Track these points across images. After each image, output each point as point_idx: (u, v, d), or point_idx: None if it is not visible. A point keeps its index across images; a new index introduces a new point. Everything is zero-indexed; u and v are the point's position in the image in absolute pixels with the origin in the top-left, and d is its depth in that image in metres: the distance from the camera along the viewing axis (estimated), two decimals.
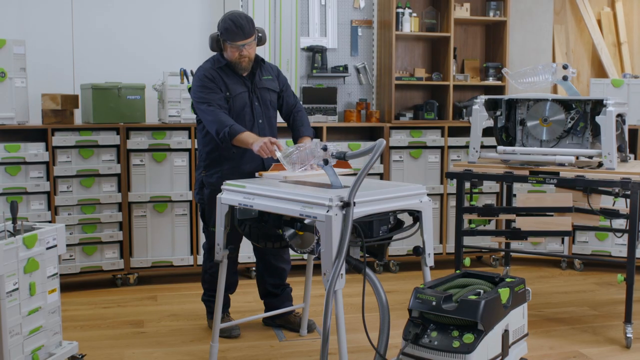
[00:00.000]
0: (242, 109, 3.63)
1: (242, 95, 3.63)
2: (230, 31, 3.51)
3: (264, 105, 3.70)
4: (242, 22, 3.52)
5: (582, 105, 3.85)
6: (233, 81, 3.63)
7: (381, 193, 2.82)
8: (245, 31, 3.52)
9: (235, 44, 3.52)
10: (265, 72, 3.74)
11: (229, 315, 3.90)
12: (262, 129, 3.67)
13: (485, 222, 4.23)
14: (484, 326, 2.57)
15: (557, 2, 5.93)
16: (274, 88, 3.75)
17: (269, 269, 3.90)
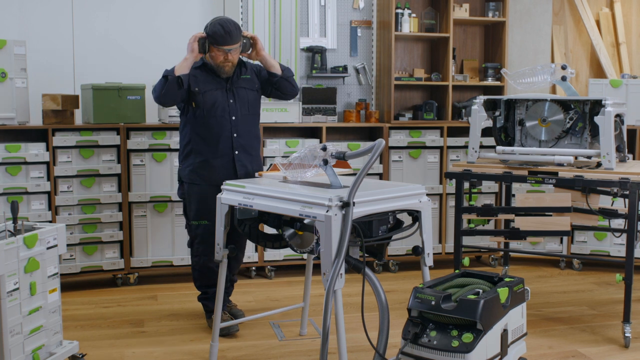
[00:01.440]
0: (213, 105, 3.73)
1: (215, 92, 3.74)
2: (219, 35, 3.62)
3: (241, 103, 3.79)
4: (231, 28, 3.64)
5: (580, 105, 3.86)
6: (208, 79, 3.76)
7: (380, 193, 2.82)
8: (233, 36, 3.64)
9: (221, 48, 3.64)
10: (244, 72, 3.84)
11: (226, 314, 3.91)
12: (235, 126, 3.77)
13: (484, 222, 4.24)
14: (483, 326, 2.58)
15: (555, 3, 5.94)
16: (251, 87, 3.84)
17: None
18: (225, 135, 3.76)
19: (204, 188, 3.76)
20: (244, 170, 3.80)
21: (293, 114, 5.05)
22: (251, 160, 3.85)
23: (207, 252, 3.78)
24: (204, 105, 3.73)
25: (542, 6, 5.87)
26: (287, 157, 3.48)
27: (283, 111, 5.03)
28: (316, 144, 2.97)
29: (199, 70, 3.77)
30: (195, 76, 3.74)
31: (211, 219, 3.68)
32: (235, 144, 3.78)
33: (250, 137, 3.85)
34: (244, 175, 3.79)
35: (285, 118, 5.03)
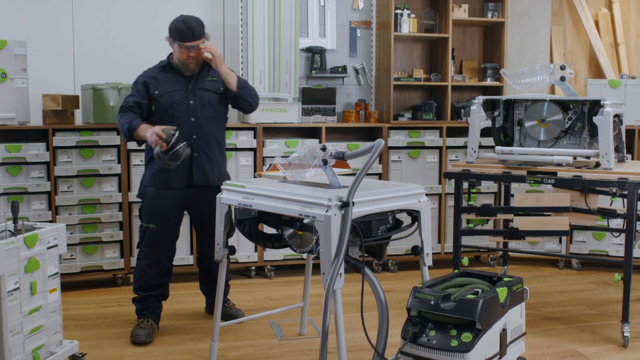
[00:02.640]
0: (170, 107, 3.68)
1: (174, 93, 3.70)
2: (180, 31, 3.63)
3: (202, 104, 3.72)
4: (193, 24, 3.66)
5: (579, 105, 3.87)
6: (169, 80, 3.72)
7: (380, 193, 2.83)
8: (195, 32, 3.64)
9: (184, 45, 3.63)
10: (210, 74, 3.79)
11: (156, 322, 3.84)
12: (194, 127, 3.70)
13: (483, 221, 4.24)
14: (482, 325, 2.59)
15: (554, 3, 5.95)
16: (215, 89, 3.78)
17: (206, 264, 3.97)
18: (185, 137, 3.61)
19: (159, 192, 3.71)
20: (203, 176, 3.71)
21: (292, 114, 5.06)
22: (212, 165, 3.76)
23: (149, 256, 3.75)
24: (162, 107, 3.68)
25: (541, 7, 5.88)
26: (287, 157, 3.49)
27: (282, 111, 5.03)
28: (316, 144, 2.98)
29: (162, 71, 3.74)
30: (155, 78, 3.72)
31: (159, 224, 3.72)
32: (195, 146, 3.68)
33: (211, 140, 3.76)
34: (202, 181, 3.71)
35: (284, 118, 5.04)
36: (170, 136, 3.45)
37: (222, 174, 3.82)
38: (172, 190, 3.72)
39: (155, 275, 3.77)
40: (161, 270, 3.79)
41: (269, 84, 5.29)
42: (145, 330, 3.70)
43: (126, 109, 3.72)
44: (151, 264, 3.75)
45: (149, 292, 3.79)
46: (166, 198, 3.72)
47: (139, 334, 3.67)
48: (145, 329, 3.71)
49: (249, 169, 4.93)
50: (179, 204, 3.77)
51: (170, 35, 3.69)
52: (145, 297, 3.79)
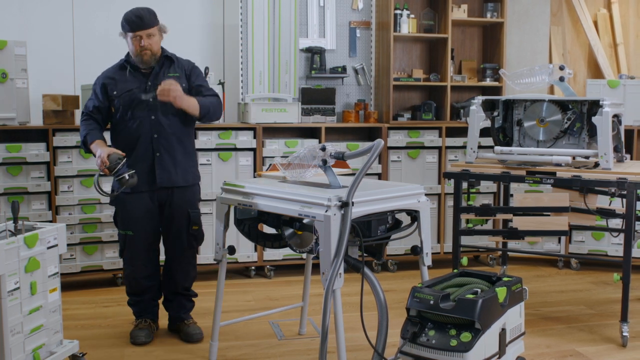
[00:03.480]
0: (130, 106, 3.57)
1: (133, 92, 3.57)
2: (130, 21, 3.51)
3: (162, 102, 3.51)
4: (142, 13, 3.53)
5: (578, 105, 3.88)
6: (127, 79, 3.60)
7: (379, 193, 2.84)
8: (145, 21, 3.52)
9: (135, 34, 3.52)
10: (172, 70, 3.65)
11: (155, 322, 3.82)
12: (154, 125, 3.57)
13: (482, 221, 4.25)
14: (481, 325, 2.59)
15: (553, 4, 5.96)
16: None
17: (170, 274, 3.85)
18: (145, 136, 3.56)
19: (128, 197, 3.61)
20: (166, 176, 3.59)
21: (292, 114, 5.07)
22: (175, 164, 3.61)
23: (132, 262, 3.69)
24: (121, 107, 3.58)
25: (540, 7, 5.89)
26: (287, 157, 3.50)
27: (282, 111, 5.04)
28: (315, 144, 2.99)
29: (120, 70, 3.63)
30: (113, 78, 3.60)
31: (135, 230, 3.64)
32: (156, 145, 3.57)
33: (173, 139, 3.61)
34: (165, 181, 3.59)
35: (284, 118, 5.05)
36: (115, 163, 3.34)
37: (187, 174, 3.68)
38: (140, 193, 3.60)
39: (143, 279, 3.72)
40: (148, 274, 3.72)
41: (268, 84, 5.30)
42: (145, 330, 3.70)
43: (86, 115, 3.63)
44: (137, 269, 3.69)
45: (141, 296, 3.76)
46: (137, 203, 3.61)
47: (139, 335, 3.67)
48: (144, 329, 3.71)
49: (248, 169, 4.94)
50: (151, 206, 3.65)
51: (122, 29, 3.55)
52: (138, 301, 3.77)
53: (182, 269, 3.78)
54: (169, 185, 3.63)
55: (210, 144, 4.85)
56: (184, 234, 3.71)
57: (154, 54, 3.60)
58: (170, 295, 3.85)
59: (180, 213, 3.68)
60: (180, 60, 3.75)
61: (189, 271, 3.82)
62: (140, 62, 3.58)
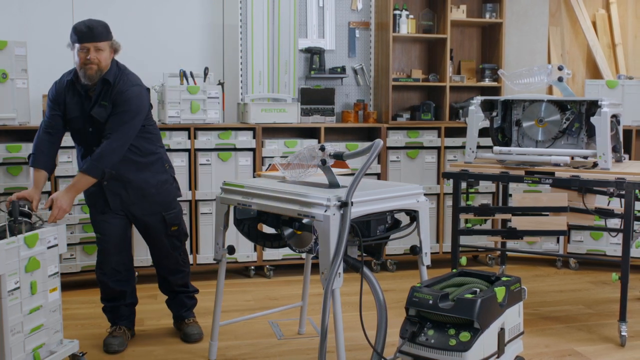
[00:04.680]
0: (78, 134, 3.46)
1: (77, 120, 3.42)
2: (78, 31, 3.27)
3: (99, 130, 3.36)
4: (94, 24, 3.30)
5: (577, 106, 3.89)
6: (73, 101, 3.42)
7: (378, 193, 2.85)
8: (95, 33, 3.28)
9: (83, 46, 3.26)
10: (105, 97, 3.36)
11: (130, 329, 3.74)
12: None
13: (481, 221, 4.26)
14: (480, 324, 2.60)
15: (552, 4, 5.97)
16: (101, 118, 3.36)
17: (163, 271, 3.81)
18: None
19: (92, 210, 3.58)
20: (118, 200, 3.49)
21: (292, 114, 5.08)
22: (126, 187, 3.49)
23: (102, 265, 3.59)
24: (72, 130, 3.48)
25: (539, 8, 5.90)
26: (286, 157, 3.50)
27: (282, 112, 5.05)
28: (315, 144, 3.00)
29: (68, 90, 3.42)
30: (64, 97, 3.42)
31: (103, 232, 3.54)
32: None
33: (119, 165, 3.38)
34: (118, 205, 3.49)
35: (283, 118, 5.05)
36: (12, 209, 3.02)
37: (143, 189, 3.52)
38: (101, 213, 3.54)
39: (113, 283, 3.60)
40: (118, 278, 3.61)
41: (268, 84, 5.31)
42: (119, 339, 3.59)
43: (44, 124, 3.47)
44: (107, 273, 3.59)
45: (114, 302, 3.67)
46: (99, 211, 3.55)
47: (112, 343, 3.55)
48: (118, 337, 3.60)
49: (248, 169, 4.95)
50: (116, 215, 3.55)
51: (70, 39, 3.31)
52: (113, 307, 3.68)
53: (172, 270, 3.74)
54: (122, 207, 3.54)
55: (210, 144, 4.86)
56: (163, 238, 3.64)
57: (100, 70, 3.32)
58: (170, 294, 3.85)
59: (152, 220, 3.59)
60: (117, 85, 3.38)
61: (181, 271, 3.76)
62: (84, 76, 3.31)
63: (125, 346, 3.62)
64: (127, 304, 3.72)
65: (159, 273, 3.81)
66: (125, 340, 3.64)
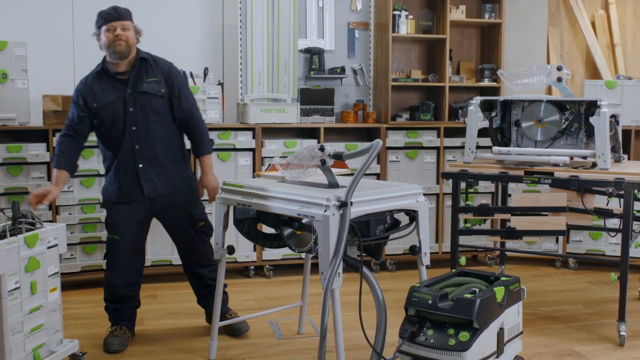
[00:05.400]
0: (113, 119, 3.48)
1: (113, 103, 3.46)
2: (105, 13, 3.45)
3: (142, 111, 3.46)
4: (118, 7, 3.49)
5: (576, 106, 3.90)
6: (106, 88, 3.48)
7: (378, 193, 2.85)
8: (120, 12, 3.48)
9: (110, 26, 3.42)
10: (150, 74, 3.51)
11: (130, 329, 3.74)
12: (136, 137, 3.49)
13: (480, 221, 4.26)
14: (479, 324, 2.60)
15: (551, 5, 5.97)
16: (156, 92, 3.50)
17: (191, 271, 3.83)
18: (127, 147, 3.48)
19: (115, 205, 3.57)
20: (151, 186, 3.53)
21: (291, 114, 5.08)
22: (159, 174, 3.54)
23: (113, 267, 3.60)
24: (104, 120, 3.48)
25: (538, 8, 5.90)
26: (286, 157, 3.50)
27: (281, 112, 5.06)
28: (314, 145, 3.00)
29: (98, 79, 3.50)
30: (92, 90, 3.48)
31: (122, 235, 3.57)
32: (138, 156, 3.49)
33: (156, 148, 3.52)
34: (151, 192, 3.53)
35: (283, 119, 5.06)
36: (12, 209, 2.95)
37: (174, 181, 3.60)
38: (130, 203, 3.56)
39: (123, 287, 3.62)
40: (129, 282, 3.64)
41: (267, 84, 5.31)
42: (119, 338, 3.60)
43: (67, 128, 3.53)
44: (118, 275, 3.61)
45: (119, 304, 3.68)
46: (125, 210, 3.56)
47: (112, 343, 3.56)
48: (119, 337, 3.61)
49: (247, 169, 4.95)
50: (139, 213, 3.59)
51: (95, 26, 3.46)
52: (116, 308, 3.69)
53: (203, 264, 3.76)
54: (155, 196, 3.56)
55: None
56: (192, 234, 3.67)
57: (129, 47, 3.45)
58: (203, 291, 3.81)
59: (181, 216, 3.64)
60: (157, 60, 3.59)
61: (210, 264, 3.77)
62: (114, 53, 3.42)
63: (125, 346, 3.62)
64: (131, 306, 3.74)
65: (189, 270, 3.80)
66: (125, 340, 3.64)
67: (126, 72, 3.50)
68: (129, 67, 3.50)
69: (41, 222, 3.04)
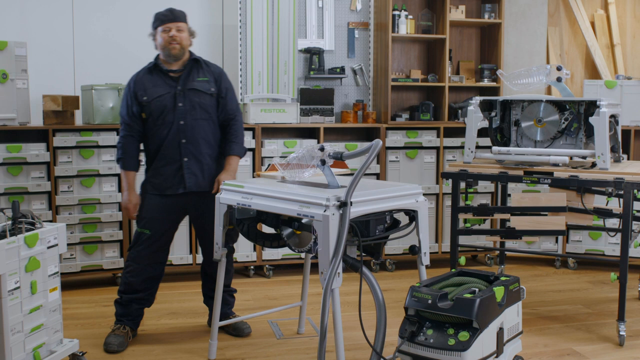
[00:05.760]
0: (162, 112, 3.58)
1: (163, 97, 3.57)
2: (160, 15, 3.59)
3: (191, 106, 3.58)
4: (173, 9, 3.61)
5: (575, 106, 3.90)
6: (157, 83, 3.61)
7: (378, 193, 2.85)
8: (175, 14, 3.60)
9: (165, 27, 3.56)
10: (201, 74, 3.66)
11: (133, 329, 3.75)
12: (183, 131, 3.58)
13: (480, 221, 4.27)
14: (479, 324, 2.61)
15: (551, 5, 5.98)
16: (206, 90, 3.64)
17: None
18: (173, 141, 3.57)
19: (154, 198, 3.63)
20: (194, 180, 3.60)
21: (291, 114, 5.08)
22: (202, 169, 3.63)
23: (138, 260, 3.64)
24: (153, 113, 3.58)
25: (538, 8, 5.91)
26: (285, 157, 3.50)
27: (281, 112, 5.06)
28: (314, 145, 3.01)
29: (149, 74, 3.63)
30: (143, 83, 3.60)
31: (153, 230, 3.62)
32: (184, 150, 3.58)
33: (201, 144, 3.62)
34: (193, 186, 3.60)
35: (283, 119, 5.06)
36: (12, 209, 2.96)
37: (213, 176, 3.67)
38: (167, 197, 3.62)
39: (141, 281, 3.65)
40: (148, 276, 3.67)
41: (267, 84, 5.32)
42: (119, 338, 3.60)
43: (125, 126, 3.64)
44: (139, 268, 3.64)
45: (132, 295, 3.68)
46: (162, 205, 3.62)
47: (112, 343, 3.57)
48: (120, 336, 3.61)
49: (247, 169, 4.96)
50: (176, 209, 3.66)
51: (152, 27, 3.61)
52: (127, 301, 3.69)
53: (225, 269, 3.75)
54: (197, 190, 3.62)
55: None
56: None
57: (183, 49, 3.61)
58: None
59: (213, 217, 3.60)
60: (208, 64, 3.75)
61: (230, 269, 3.82)
62: (169, 55, 3.58)
63: (125, 346, 3.62)
64: (142, 300, 3.73)
65: (207, 272, 3.80)
66: (125, 341, 3.64)
67: (178, 70, 3.64)
68: (182, 67, 3.65)
69: (41, 222, 3.04)
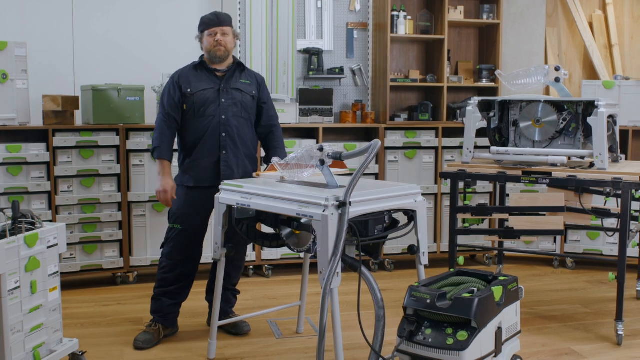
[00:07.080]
0: (204, 105, 3.66)
1: (207, 91, 3.67)
2: (207, 19, 3.72)
3: (233, 103, 3.69)
4: (219, 13, 3.75)
5: (574, 106, 3.91)
6: (202, 79, 3.71)
7: (376, 193, 2.86)
8: (221, 18, 3.71)
9: (211, 31, 3.67)
10: (244, 77, 3.78)
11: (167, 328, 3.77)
12: (224, 124, 3.67)
13: (478, 221, 4.27)
14: (477, 323, 2.61)
15: (549, 5, 5.99)
16: (248, 91, 3.75)
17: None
18: (213, 133, 3.66)
19: (189, 191, 3.68)
20: (229, 173, 3.67)
21: (290, 114, 5.09)
22: (237, 164, 3.71)
23: (171, 256, 3.68)
24: (194, 106, 3.66)
25: (536, 8, 5.92)
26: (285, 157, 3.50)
27: (280, 112, 5.04)
28: (313, 145, 3.01)
29: (195, 70, 3.74)
30: (187, 77, 3.70)
31: (184, 225, 3.65)
32: (223, 143, 3.67)
33: (238, 140, 3.72)
34: (228, 178, 3.60)
35: (282, 119, 5.04)
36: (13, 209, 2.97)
37: (247, 176, 3.72)
38: (200, 189, 3.65)
39: (174, 276, 3.69)
40: (182, 271, 3.70)
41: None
42: (148, 335, 3.65)
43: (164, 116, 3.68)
44: (172, 264, 3.68)
45: (164, 288, 3.72)
46: (192, 200, 3.66)
47: (138, 339, 3.64)
48: (149, 333, 3.66)
49: None
50: (207, 204, 3.65)
51: (198, 30, 3.75)
52: (158, 295, 3.73)
53: (236, 266, 3.86)
54: None
55: None
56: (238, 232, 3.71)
57: (228, 51, 3.71)
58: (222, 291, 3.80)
59: None
60: (251, 70, 3.87)
61: (241, 267, 3.92)
62: (214, 57, 3.69)
63: (152, 344, 3.65)
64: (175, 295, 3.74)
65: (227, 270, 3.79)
66: (155, 338, 3.67)
67: (222, 70, 3.73)
68: (226, 68, 3.75)
69: (41, 221, 3.05)
